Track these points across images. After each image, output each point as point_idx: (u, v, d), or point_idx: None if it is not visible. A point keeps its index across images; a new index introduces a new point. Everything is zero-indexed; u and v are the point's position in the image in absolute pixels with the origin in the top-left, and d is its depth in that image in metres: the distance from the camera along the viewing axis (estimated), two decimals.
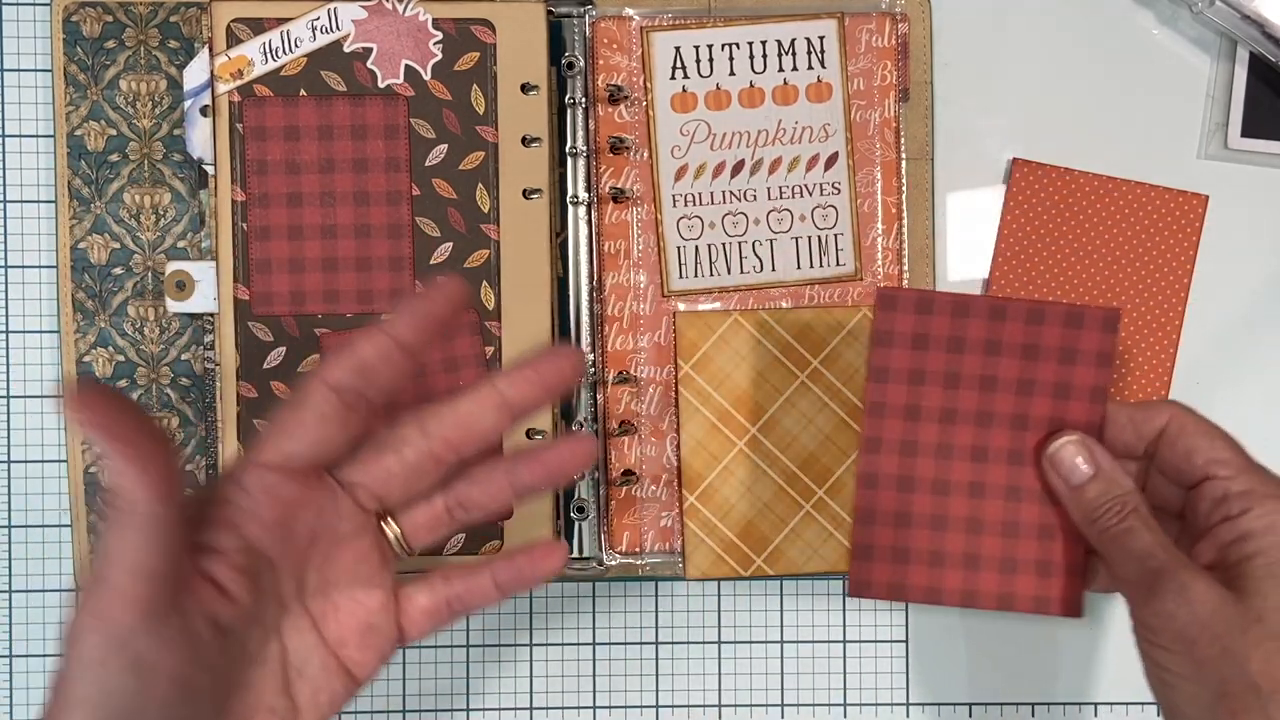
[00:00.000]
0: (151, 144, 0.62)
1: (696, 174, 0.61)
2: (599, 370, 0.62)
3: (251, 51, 0.60)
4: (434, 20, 0.60)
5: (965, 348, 0.50)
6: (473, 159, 0.61)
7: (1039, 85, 0.64)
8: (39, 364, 0.63)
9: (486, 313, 0.61)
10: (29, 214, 0.63)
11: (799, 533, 0.61)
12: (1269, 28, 0.60)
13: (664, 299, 0.62)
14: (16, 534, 0.63)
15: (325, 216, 0.60)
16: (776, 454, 0.61)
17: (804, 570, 0.61)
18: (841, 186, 0.61)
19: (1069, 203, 0.63)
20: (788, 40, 0.61)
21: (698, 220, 0.62)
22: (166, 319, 0.62)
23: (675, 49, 0.61)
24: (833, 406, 0.61)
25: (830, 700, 0.64)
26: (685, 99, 0.61)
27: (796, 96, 0.61)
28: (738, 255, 0.62)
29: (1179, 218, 0.63)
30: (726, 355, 0.61)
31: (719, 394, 0.61)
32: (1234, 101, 0.63)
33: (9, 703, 0.63)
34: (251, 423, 0.60)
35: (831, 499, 0.61)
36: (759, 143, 0.61)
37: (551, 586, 0.63)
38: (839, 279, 0.62)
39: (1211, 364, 0.64)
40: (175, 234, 0.62)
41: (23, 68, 0.63)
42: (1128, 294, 0.63)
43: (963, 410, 0.51)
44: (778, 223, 0.62)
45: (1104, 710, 0.64)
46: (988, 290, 0.63)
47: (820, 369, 0.61)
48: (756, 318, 0.61)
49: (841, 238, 0.61)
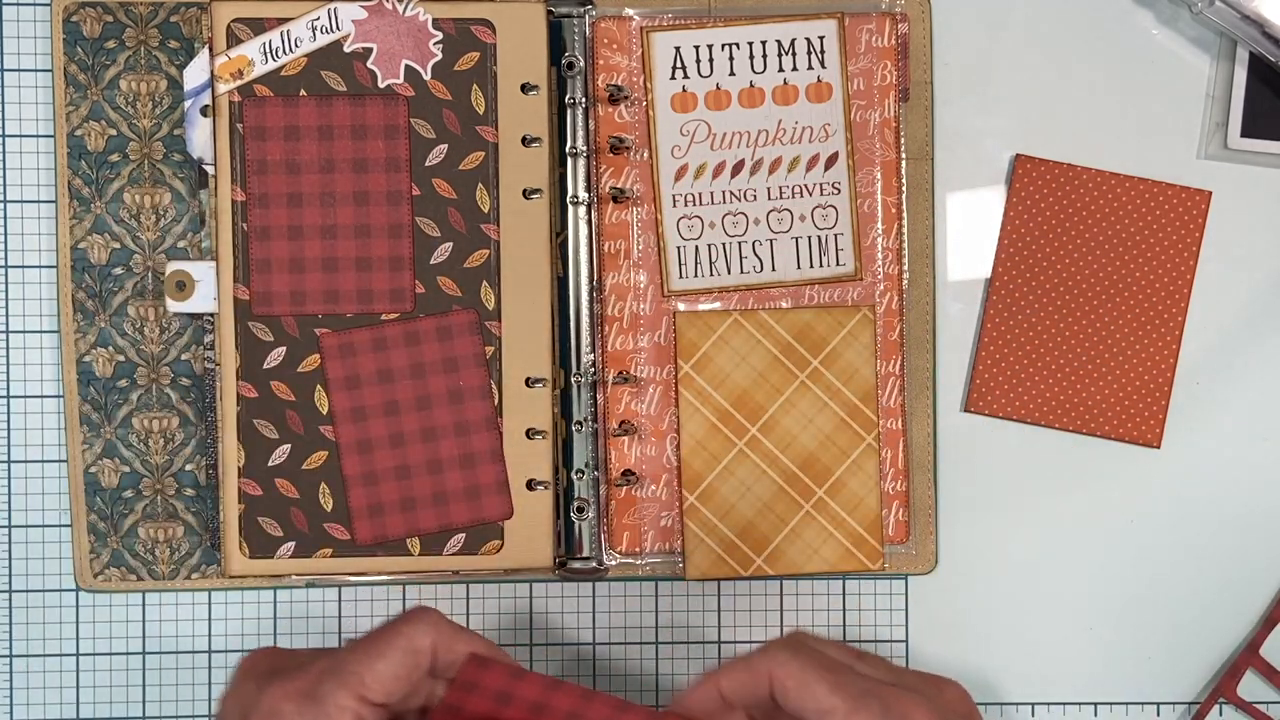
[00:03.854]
0: (152, 144, 0.62)
1: (696, 174, 0.61)
2: (599, 370, 0.62)
3: (251, 51, 0.60)
4: (434, 20, 0.60)
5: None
6: (473, 159, 0.61)
7: (1039, 85, 0.64)
8: (39, 364, 0.63)
9: (486, 313, 0.61)
10: (29, 214, 0.63)
11: (799, 533, 0.61)
12: (1269, 28, 0.60)
13: (664, 299, 0.62)
14: (16, 534, 0.63)
15: (325, 216, 0.60)
16: (776, 454, 0.61)
17: (804, 570, 0.61)
18: (841, 186, 0.61)
19: (1071, 199, 0.63)
20: (788, 40, 0.61)
21: (698, 220, 0.62)
22: (166, 319, 0.62)
23: (675, 49, 0.61)
24: (833, 406, 0.61)
25: None
26: (685, 99, 0.61)
27: (796, 96, 0.61)
28: (738, 255, 0.62)
29: (1182, 214, 0.63)
30: (726, 355, 0.61)
31: (719, 394, 0.61)
32: (1234, 101, 0.63)
33: (9, 703, 0.63)
34: (251, 423, 0.60)
35: (831, 499, 0.61)
36: (759, 143, 0.61)
37: (551, 586, 0.63)
38: (839, 279, 0.62)
39: (1212, 364, 0.64)
40: (175, 234, 0.62)
41: (23, 68, 0.63)
42: (1130, 291, 0.63)
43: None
44: (778, 223, 0.62)
45: (1104, 710, 0.64)
46: (990, 287, 0.63)
47: (820, 369, 0.61)
48: (756, 318, 0.61)
49: (841, 238, 0.61)
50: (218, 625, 0.63)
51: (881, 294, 0.62)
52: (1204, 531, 0.64)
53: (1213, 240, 0.63)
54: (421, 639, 0.48)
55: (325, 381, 0.60)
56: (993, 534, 0.64)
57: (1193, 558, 0.64)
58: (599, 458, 0.62)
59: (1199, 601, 0.64)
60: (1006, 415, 0.63)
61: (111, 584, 0.62)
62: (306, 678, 0.47)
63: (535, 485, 0.61)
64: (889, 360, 0.62)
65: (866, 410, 0.61)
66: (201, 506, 0.62)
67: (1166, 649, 0.64)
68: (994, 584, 0.64)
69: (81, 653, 0.63)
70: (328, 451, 0.60)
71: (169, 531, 0.62)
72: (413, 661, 0.47)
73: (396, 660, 0.47)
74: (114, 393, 0.62)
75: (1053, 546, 0.64)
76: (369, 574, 0.61)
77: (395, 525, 0.60)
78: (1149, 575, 0.64)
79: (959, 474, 0.64)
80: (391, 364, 0.60)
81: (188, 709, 0.63)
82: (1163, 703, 0.64)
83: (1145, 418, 0.63)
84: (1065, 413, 0.63)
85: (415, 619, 0.48)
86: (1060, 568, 0.64)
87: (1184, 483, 0.64)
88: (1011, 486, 0.64)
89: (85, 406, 0.62)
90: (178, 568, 0.62)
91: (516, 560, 0.61)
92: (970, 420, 0.63)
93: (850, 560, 0.61)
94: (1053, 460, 0.64)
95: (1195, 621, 0.64)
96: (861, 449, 0.61)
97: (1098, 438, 0.63)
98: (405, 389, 0.60)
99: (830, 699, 0.45)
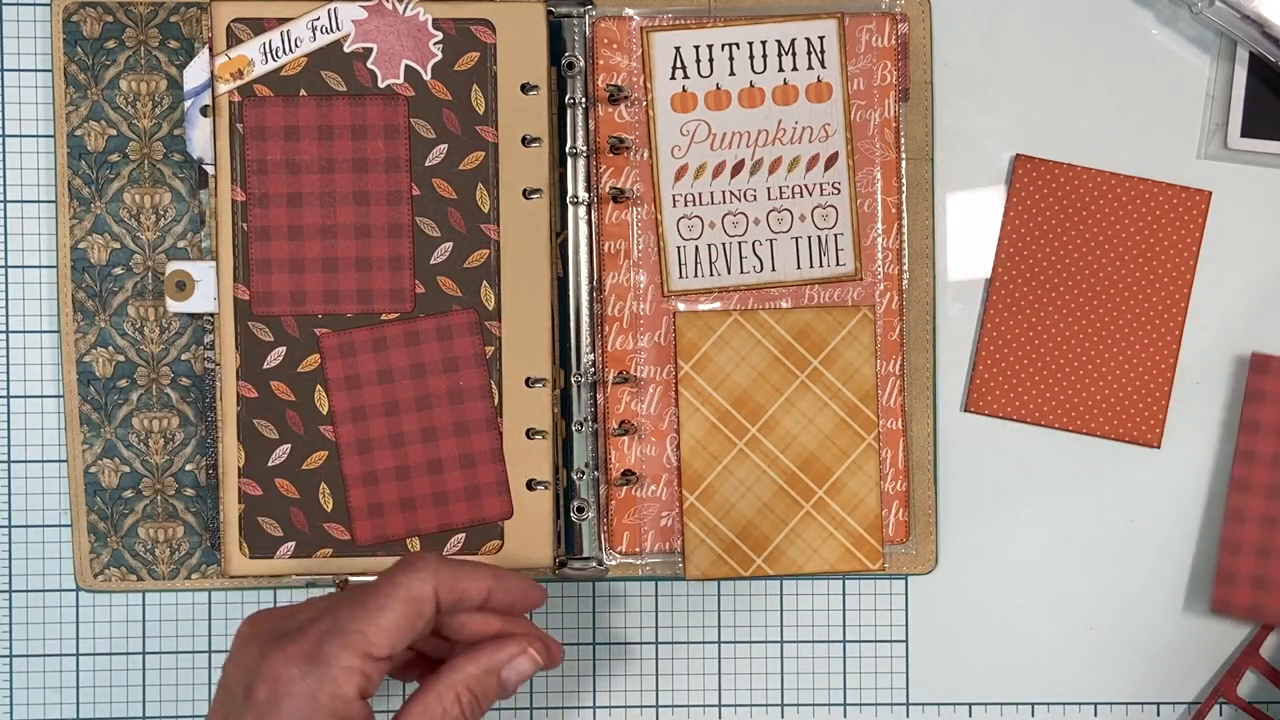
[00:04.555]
0: (151, 144, 0.62)
1: (696, 174, 0.61)
2: (599, 370, 0.62)
3: (251, 51, 0.60)
4: (434, 20, 0.60)
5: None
6: (473, 159, 0.61)
7: (1039, 85, 0.64)
8: (39, 364, 0.63)
9: (486, 313, 0.61)
10: (29, 214, 0.63)
11: (799, 533, 0.61)
12: (1269, 28, 0.60)
13: (664, 299, 0.62)
14: (16, 534, 0.63)
15: (325, 216, 0.60)
16: (776, 454, 0.61)
17: (804, 570, 0.61)
18: (841, 186, 0.61)
19: (1071, 199, 0.63)
20: (788, 40, 0.61)
21: (698, 220, 0.62)
22: (166, 319, 0.62)
23: (675, 49, 0.61)
24: (833, 406, 0.61)
25: (830, 700, 0.64)
26: (685, 99, 0.61)
27: (796, 96, 0.61)
28: (738, 255, 0.62)
29: (1182, 214, 0.63)
30: (726, 355, 0.61)
31: (719, 394, 0.61)
32: (1234, 101, 0.63)
33: (9, 703, 0.63)
34: (251, 423, 0.60)
35: (831, 499, 0.61)
36: (759, 143, 0.61)
37: (551, 586, 0.63)
38: (839, 279, 0.62)
39: (1212, 364, 0.64)
40: (175, 234, 0.62)
41: (23, 68, 0.63)
42: (1130, 291, 0.63)
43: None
44: (778, 223, 0.62)
45: (1104, 710, 0.64)
46: (990, 287, 0.63)
47: (820, 369, 0.61)
48: (756, 318, 0.61)
49: (841, 238, 0.61)
50: (218, 625, 0.63)
51: (881, 294, 0.62)
52: (1204, 531, 0.64)
53: (1213, 240, 0.63)
54: (421, 587, 0.47)
55: (325, 381, 0.60)
56: (993, 534, 0.64)
57: (1193, 557, 0.64)
58: (599, 458, 0.62)
59: (1199, 601, 0.64)
60: (1006, 415, 0.63)
61: (111, 584, 0.62)
62: (309, 639, 0.46)
63: (535, 485, 0.61)
64: (889, 360, 0.62)
65: (866, 410, 0.61)
66: (201, 506, 0.62)
67: (1166, 649, 0.64)
68: (994, 584, 0.64)
69: (81, 653, 0.63)
70: (328, 451, 0.60)
71: (169, 531, 0.62)
72: (415, 610, 0.47)
73: (398, 612, 0.47)
74: (114, 393, 0.62)
75: (1053, 546, 0.64)
76: (369, 574, 0.61)
77: (395, 525, 0.60)
78: (1149, 575, 0.64)
79: (959, 474, 0.64)
80: (391, 364, 0.60)
81: (188, 709, 0.63)
82: (1163, 703, 0.64)
83: (1145, 418, 0.63)
84: (1065, 413, 0.63)
85: (412, 568, 0.48)
86: (1060, 568, 0.64)
87: (1184, 483, 0.64)
88: (1011, 486, 0.64)
89: (85, 406, 0.62)
90: (178, 568, 0.62)
91: (516, 560, 0.61)
92: (970, 420, 0.63)
93: (850, 560, 0.61)
94: (1053, 460, 0.64)
95: (1195, 621, 0.64)
96: (861, 449, 0.61)
97: (1098, 438, 0.63)
98: (405, 389, 0.60)
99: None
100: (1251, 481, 0.61)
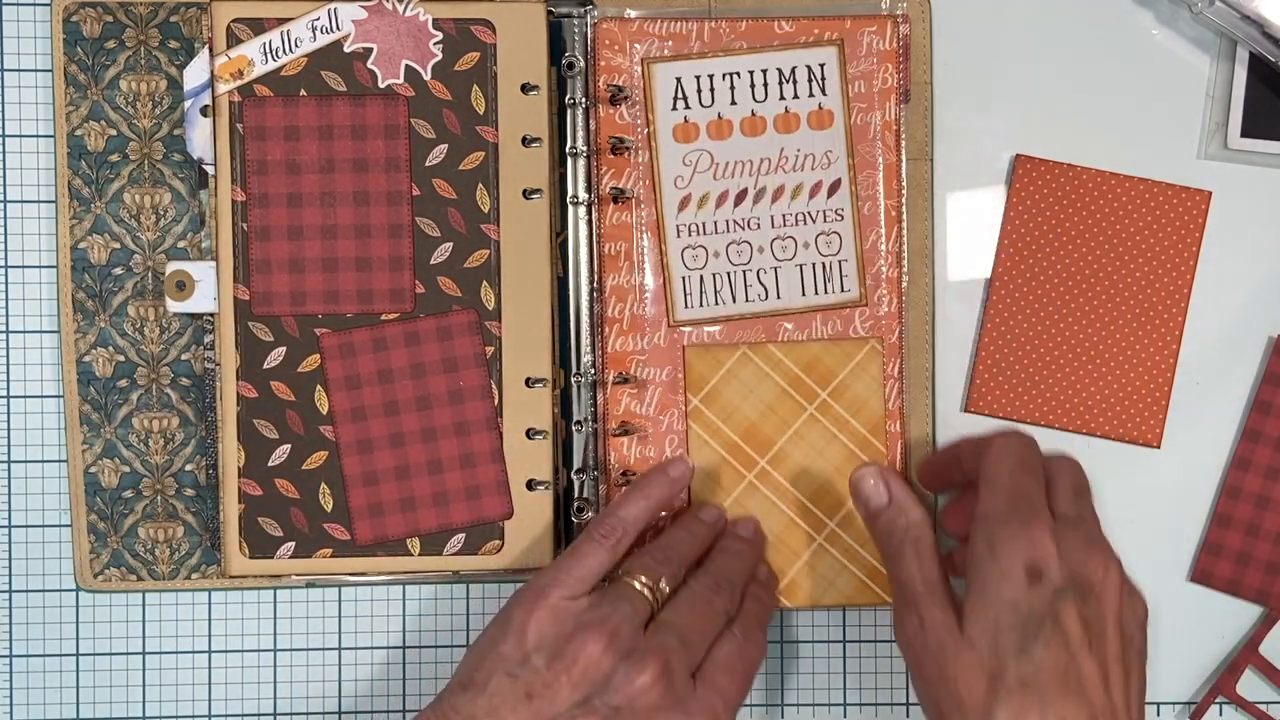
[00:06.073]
0: (151, 144, 0.62)
1: (700, 204, 0.61)
2: (599, 370, 0.62)
3: (251, 51, 0.60)
4: (434, 20, 0.60)
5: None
6: (473, 159, 0.61)
7: (1039, 85, 0.64)
8: (39, 364, 0.63)
9: (486, 313, 0.61)
10: (29, 214, 0.63)
11: (813, 565, 0.61)
12: (1269, 28, 0.60)
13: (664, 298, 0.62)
14: (16, 534, 0.63)
15: (325, 216, 0.60)
16: (786, 486, 0.61)
17: (821, 603, 0.61)
18: (845, 213, 0.61)
19: (1071, 199, 0.63)
20: (788, 68, 0.61)
21: (702, 250, 0.61)
22: (166, 319, 0.62)
23: (676, 80, 0.61)
24: (842, 439, 0.61)
25: (830, 700, 0.64)
26: (687, 129, 0.61)
27: (798, 124, 0.61)
28: (742, 284, 0.62)
29: (1182, 214, 0.63)
30: (735, 388, 0.61)
31: (728, 427, 0.61)
32: (1234, 101, 0.63)
33: (9, 703, 0.63)
34: (251, 423, 0.60)
35: (844, 531, 0.61)
36: (761, 171, 0.61)
37: None
38: (844, 305, 0.62)
39: (1212, 364, 0.64)
40: (175, 234, 0.62)
41: (23, 68, 0.63)
42: (1130, 291, 0.63)
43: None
44: (781, 250, 0.61)
45: None
46: (990, 287, 0.63)
47: (829, 401, 0.61)
48: (765, 351, 0.61)
49: (845, 264, 0.61)
50: (218, 625, 0.63)
51: (881, 295, 0.62)
52: (1204, 531, 0.64)
53: (1213, 240, 0.63)
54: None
55: (325, 381, 0.60)
56: None
57: (1192, 557, 0.64)
58: (599, 458, 0.62)
59: (1198, 600, 0.64)
60: (1006, 415, 0.63)
61: (111, 584, 0.62)
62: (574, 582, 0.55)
63: (535, 485, 0.61)
64: (889, 363, 0.62)
65: (876, 442, 0.61)
66: (201, 506, 0.62)
67: (1166, 648, 0.64)
68: None
69: (81, 653, 0.63)
70: (328, 451, 0.60)
71: (169, 531, 0.62)
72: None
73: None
74: (114, 393, 0.62)
75: None
76: (369, 574, 0.61)
77: (395, 525, 0.61)
78: (1148, 575, 0.64)
79: None
80: (391, 364, 0.60)
81: (188, 709, 0.63)
82: (1162, 702, 0.64)
83: (1145, 418, 0.63)
84: (1065, 413, 0.63)
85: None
86: None
87: (1184, 483, 0.64)
88: None
89: (85, 406, 0.62)
90: (178, 568, 0.62)
91: (516, 560, 0.61)
92: (970, 420, 0.63)
93: (866, 593, 0.61)
94: None
95: (1195, 620, 0.64)
96: None
97: (1098, 438, 0.63)
98: (405, 389, 0.60)
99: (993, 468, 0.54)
100: (1253, 460, 0.62)
